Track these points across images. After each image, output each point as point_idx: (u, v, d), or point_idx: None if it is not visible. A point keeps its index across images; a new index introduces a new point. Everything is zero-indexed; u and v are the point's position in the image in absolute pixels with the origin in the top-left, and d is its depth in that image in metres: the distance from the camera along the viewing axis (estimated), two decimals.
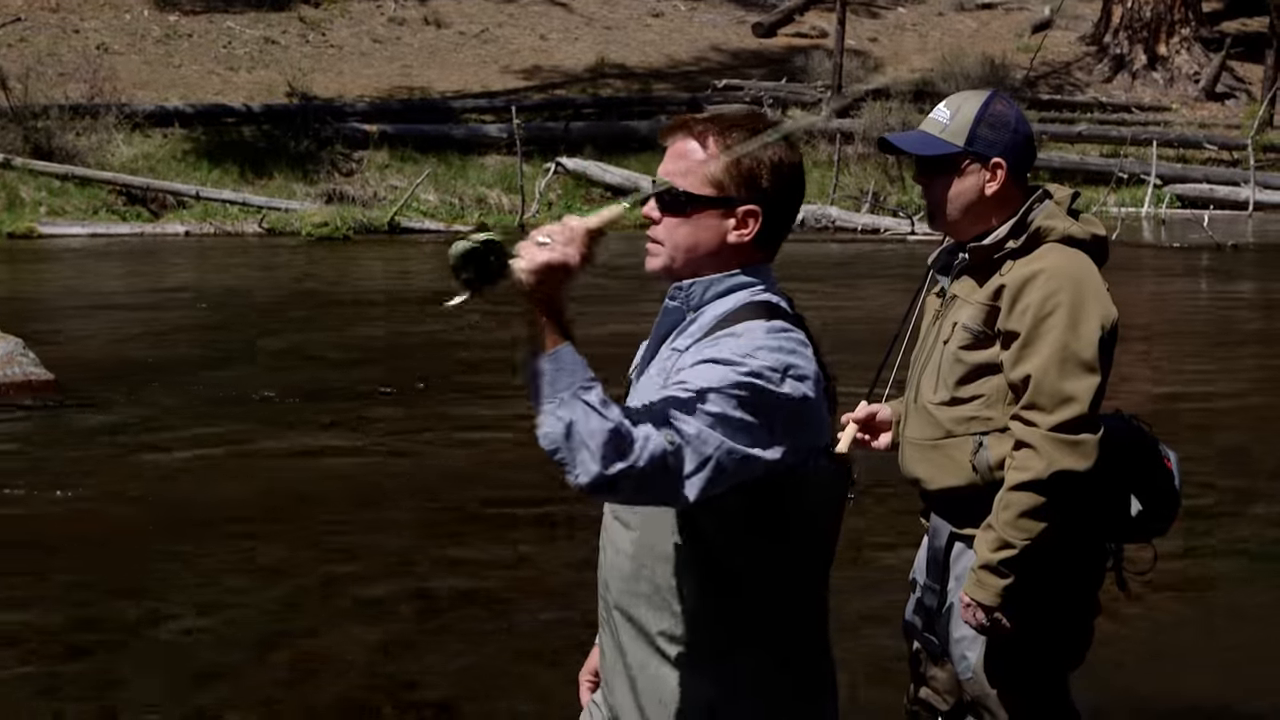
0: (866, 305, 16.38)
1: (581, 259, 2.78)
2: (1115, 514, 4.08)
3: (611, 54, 33.37)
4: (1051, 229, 4.02)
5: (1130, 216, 25.91)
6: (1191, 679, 6.26)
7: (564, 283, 2.73)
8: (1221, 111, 33.80)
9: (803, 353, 2.91)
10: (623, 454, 2.64)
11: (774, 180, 2.98)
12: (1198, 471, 9.29)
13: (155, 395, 11.00)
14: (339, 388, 11.45)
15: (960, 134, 4.06)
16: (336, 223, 22.72)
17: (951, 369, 4.07)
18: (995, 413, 4.01)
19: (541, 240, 2.76)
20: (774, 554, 2.94)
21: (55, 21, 30.20)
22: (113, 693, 5.96)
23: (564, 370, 2.67)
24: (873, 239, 24.12)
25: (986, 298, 4.02)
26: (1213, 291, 19.70)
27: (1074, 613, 4.16)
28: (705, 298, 3.01)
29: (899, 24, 38.10)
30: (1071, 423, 3.85)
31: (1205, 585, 7.45)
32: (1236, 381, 12.64)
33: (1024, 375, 3.90)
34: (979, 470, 4.02)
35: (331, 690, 5.97)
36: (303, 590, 7.10)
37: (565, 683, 6.03)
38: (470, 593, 7.11)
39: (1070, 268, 3.97)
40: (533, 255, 2.73)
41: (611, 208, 2.91)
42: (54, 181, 23.40)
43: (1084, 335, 3.90)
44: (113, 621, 6.65)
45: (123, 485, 8.64)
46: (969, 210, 4.09)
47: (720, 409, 2.77)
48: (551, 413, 2.65)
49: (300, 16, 32.68)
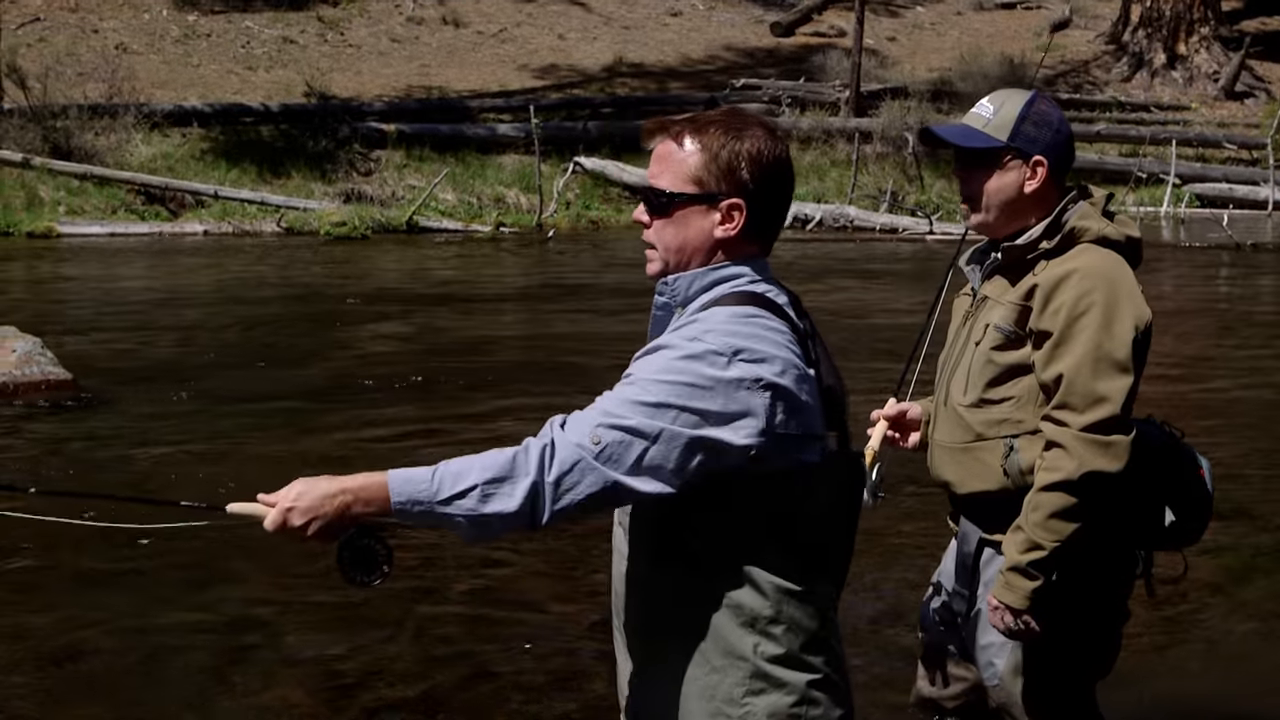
0: (885, 304, 16.36)
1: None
2: (1148, 522, 4.04)
3: (629, 53, 33.38)
4: (1086, 229, 3.99)
5: (1149, 216, 25.87)
6: (1221, 685, 6.21)
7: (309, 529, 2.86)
8: (1241, 110, 33.70)
9: (768, 338, 2.88)
10: (513, 477, 2.77)
11: (754, 171, 2.97)
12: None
13: (173, 395, 11.00)
14: (357, 387, 11.45)
15: (1004, 129, 4.04)
16: (355, 222, 22.78)
17: (982, 370, 4.04)
18: (1026, 415, 3.97)
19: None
20: (768, 547, 2.92)
21: (74, 21, 30.29)
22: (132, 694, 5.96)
23: (410, 495, 2.80)
24: (891, 238, 24.08)
25: (1019, 298, 3.99)
26: (1231, 290, 19.65)
27: (1103, 621, 4.12)
28: (690, 292, 3.01)
29: (917, 23, 38.06)
30: (1104, 423, 3.81)
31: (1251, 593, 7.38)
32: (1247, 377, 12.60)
33: (1056, 375, 3.86)
34: (1010, 474, 3.98)
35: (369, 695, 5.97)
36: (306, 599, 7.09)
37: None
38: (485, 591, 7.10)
39: (1104, 268, 3.93)
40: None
41: None
42: (73, 181, 23.46)
43: (1118, 335, 3.85)
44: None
45: (139, 485, 8.63)
46: (1007, 206, 4.07)
47: (659, 397, 2.80)
48: (451, 521, 2.80)
49: (319, 16, 32.74)
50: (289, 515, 2.84)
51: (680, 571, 2.95)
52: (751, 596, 2.92)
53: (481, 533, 2.81)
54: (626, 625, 3.08)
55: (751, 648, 2.92)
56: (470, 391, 11.41)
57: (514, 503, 2.76)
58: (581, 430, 2.80)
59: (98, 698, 5.86)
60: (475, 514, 2.76)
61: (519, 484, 2.76)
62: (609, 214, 25.43)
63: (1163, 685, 6.09)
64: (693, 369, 2.81)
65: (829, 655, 3.01)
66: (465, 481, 2.77)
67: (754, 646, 2.92)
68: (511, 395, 11.21)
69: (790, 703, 2.94)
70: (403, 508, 2.78)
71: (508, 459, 2.78)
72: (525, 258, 21.61)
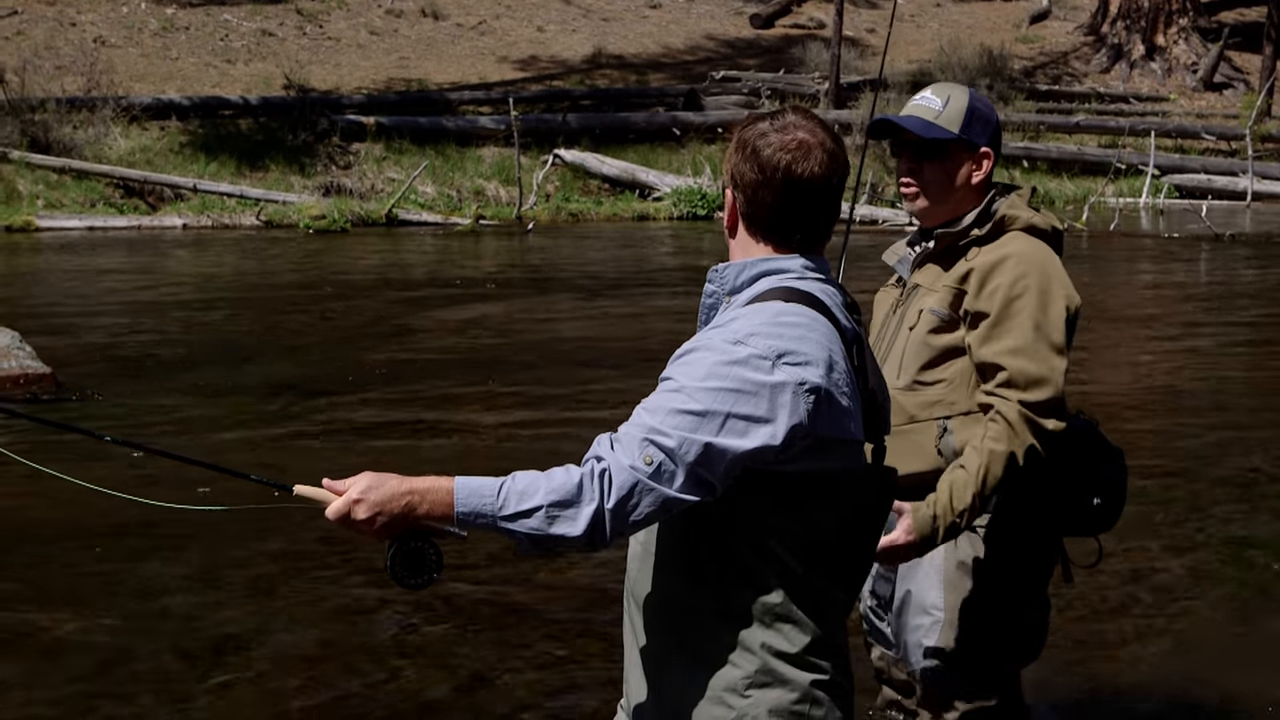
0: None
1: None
2: (1072, 509, 4.14)
3: (609, 45, 33.37)
4: (1016, 218, 4.15)
5: (1128, 207, 25.90)
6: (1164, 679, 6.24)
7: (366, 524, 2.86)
8: (1219, 101, 33.82)
9: (811, 339, 2.89)
10: (578, 503, 2.78)
11: (751, 171, 3.06)
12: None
13: (152, 389, 10.98)
14: (335, 381, 11.44)
15: (955, 122, 4.19)
16: (334, 215, 22.75)
17: (917, 354, 4.15)
18: (960, 397, 4.09)
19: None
20: (786, 545, 2.93)
21: (52, 14, 30.19)
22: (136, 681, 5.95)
23: (474, 507, 2.81)
24: (870, 230, 24.08)
25: (954, 281, 4.12)
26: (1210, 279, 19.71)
27: (1026, 606, 4.22)
28: (739, 282, 3.04)
29: (897, 15, 38.05)
30: (1045, 404, 3.93)
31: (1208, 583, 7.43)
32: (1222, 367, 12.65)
33: (994, 353, 3.98)
34: (944, 455, 4.07)
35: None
36: (285, 591, 7.08)
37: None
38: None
39: (1036, 254, 4.10)
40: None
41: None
42: (51, 175, 23.39)
43: (1053, 318, 4.00)
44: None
45: (119, 478, 8.60)
46: (951, 196, 4.22)
47: (704, 405, 2.80)
48: (512, 535, 2.82)
49: (297, 8, 32.68)
50: (355, 507, 2.84)
51: (694, 563, 2.96)
52: (763, 593, 2.93)
53: (540, 550, 2.85)
54: (637, 611, 3.08)
55: (760, 643, 2.93)
56: (454, 385, 11.41)
57: (578, 529, 2.78)
58: (633, 451, 2.80)
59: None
60: (538, 534, 2.79)
61: (583, 510, 2.78)
62: (589, 206, 25.41)
63: (1119, 676, 6.13)
64: (736, 374, 2.82)
65: (835, 658, 3.03)
66: (530, 501, 2.78)
67: (762, 642, 2.93)
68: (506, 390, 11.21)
69: (793, 700, 2.95)
70: (465, 518, 2.80)
71: (574, 484, 2.79)
72: (503, 250, 21.59)
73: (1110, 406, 10.35)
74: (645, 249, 21.89)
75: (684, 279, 16.86)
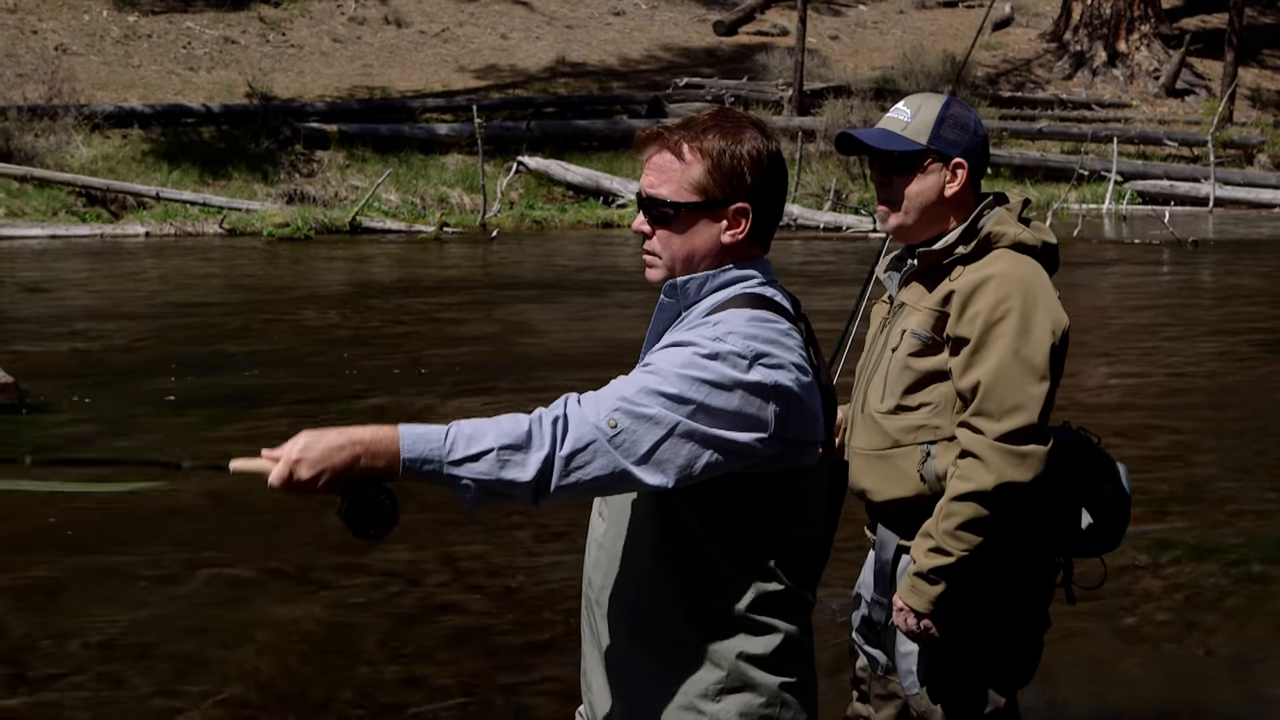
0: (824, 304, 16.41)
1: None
2: (1065, 527, 4.01)
3: (572, 53, 33.37)
4: (1002, 235, 3.97)
5: (1091, 213, 26.02)
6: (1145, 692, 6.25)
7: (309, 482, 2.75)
8: (1182, 108, 34.00)
9: (783, 343, 2.90)
10: (528, 447, 2.72)
11: (756, 174, 2.99)
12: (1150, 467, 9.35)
13: (115, 399, 10.92)
14: (301, 390, 11.40)
15: (923, 132, 4.01)
16: (298, 223, 22.70)
17: (899, 377, 4.00)
18: (943, 421, 3.93)
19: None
20: (757, 548, 2.93)
21: (13, 22, 30.02)
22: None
23: (421, 453, 2.73)
24: (834, 237, 24.14)
25: (936, 303, 3.95)
26: (1176, 285, 19.80)
27: (1022, 628, 4.08)
28: (700, 294, 3.02)
29: (860, 22, 38.21)
30: (1020, 432, 3.77)
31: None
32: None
33: (973, 382, 3.82)
34: (927, 480, 3.94)
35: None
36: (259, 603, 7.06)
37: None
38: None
39: (1020, 274, 3.90)
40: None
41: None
42: (12, 183, 23.26)
43: (1035, 342, 3.82)
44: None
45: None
46: (927, 210, 4.04)
47: (679, 390, 2.79)
48: (457, 484, 2.73)
49: (260, 16, 32.58)
50: (296, 468, 2.72)
51: (666, 567, 2.95)
52: (735, 596, 2.93)
53: (487, 499, 2.74)
54: (601, 617, 3.06)
55: (731, 647, 2.93)
56: (420, 392, 11.39)
57: (527, 473, 2.71)
58: (599, 411, 2.77)
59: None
60: (486, 479, 2.70)
61: (533, 455, 2.72)
62: (553, 213, 25.40)
63: (1098, 688, 6.13)
64: (714, 368, 2.81)
65: (803, 660, 3.03)
66: (480, 445, 2.71)
67: (733, 646, 2.93)
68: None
69: (761, 703, 2.95)
70: (411, 464, 2.70)
71: (524, 428, 2.73)
72: (470, 256, 21.57)
73: (1072, 410, 10.37)
74: (611, 256, 21.88)
75: (651, 285, 16.81)
